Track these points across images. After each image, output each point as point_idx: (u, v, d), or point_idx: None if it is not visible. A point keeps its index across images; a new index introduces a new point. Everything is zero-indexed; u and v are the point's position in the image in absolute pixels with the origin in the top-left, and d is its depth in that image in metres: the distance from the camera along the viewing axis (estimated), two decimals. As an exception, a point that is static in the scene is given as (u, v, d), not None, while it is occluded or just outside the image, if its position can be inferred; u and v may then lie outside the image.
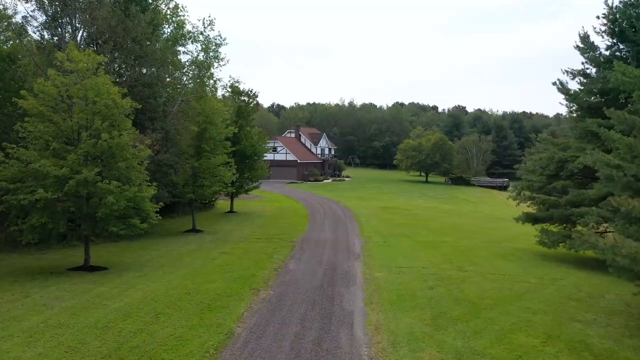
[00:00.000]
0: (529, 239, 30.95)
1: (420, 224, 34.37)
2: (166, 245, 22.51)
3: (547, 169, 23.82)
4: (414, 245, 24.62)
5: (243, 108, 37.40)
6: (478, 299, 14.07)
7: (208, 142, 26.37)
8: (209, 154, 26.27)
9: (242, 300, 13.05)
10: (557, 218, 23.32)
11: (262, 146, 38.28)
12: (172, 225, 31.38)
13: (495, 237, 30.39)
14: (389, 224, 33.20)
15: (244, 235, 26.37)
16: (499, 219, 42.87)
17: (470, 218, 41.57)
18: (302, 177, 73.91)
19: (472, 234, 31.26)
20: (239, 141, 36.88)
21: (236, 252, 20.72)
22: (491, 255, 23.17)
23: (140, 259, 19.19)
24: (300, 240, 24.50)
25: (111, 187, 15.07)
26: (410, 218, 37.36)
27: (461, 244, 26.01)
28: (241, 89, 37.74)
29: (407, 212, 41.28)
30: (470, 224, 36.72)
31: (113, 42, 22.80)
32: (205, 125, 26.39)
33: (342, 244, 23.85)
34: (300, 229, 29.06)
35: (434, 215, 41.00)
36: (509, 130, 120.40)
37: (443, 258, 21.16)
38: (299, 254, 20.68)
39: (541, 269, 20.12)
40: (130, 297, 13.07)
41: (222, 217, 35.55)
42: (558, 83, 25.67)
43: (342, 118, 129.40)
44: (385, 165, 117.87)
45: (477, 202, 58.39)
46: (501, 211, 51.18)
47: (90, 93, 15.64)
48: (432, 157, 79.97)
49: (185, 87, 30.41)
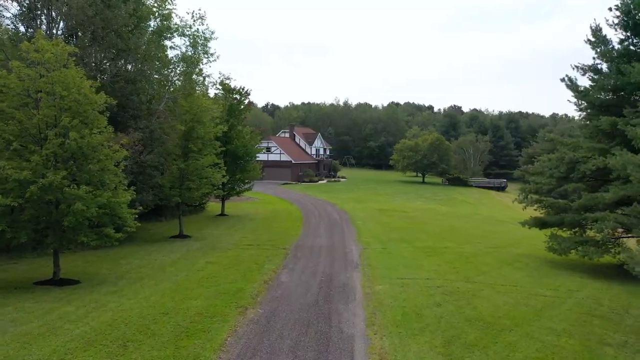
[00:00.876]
0: (533, 243, 29.58)
1: (419, 227, 32.87)
2: (149, 254, 20.83)
3: (557, 170, 22.36)
4: (415, 252, 23.09)
5: (234, 106, 35.74)
6: (493, 317, 12.54)
7: (195, 142, 24.69)
8: (197, 155, 24.60)
9: (226, 321, 11.43)
10: (568, 223, 21.87)
11: (254, 146, 36.63)
12: (159, 229, 29.68)
13: (498, 242, 28.95)
14: (387, 227, 31.67)
15: (234, 241, 24.73)
16: (500, 222, 41.50)
17: (470, 221, 40.13)
18: (296, 177, 72.28)
19: (474, 238, 29.80)
20: (230, 141, 35.23)
21: (224, 262, 19.08)
22: (497, 262, 21.69)
23: (119, 269, 17.51)
24: (293, 247, 22.91)
25: (80, 193, 13.41)
26: (408, 221, 35.86)
27: (464, 250, 24.54)
28: (232, 87, 36.06)
29: (405, 215, 39.79)
30: (471, 228, 35.26)
31: (91, 34, 21.08)
32: (193, 124, 24.72)
33: (339, 250, 22.28)
34: (294, 233, 27.46)
35: (432, 218, 39.53)
36: (506, 130, 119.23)
37: (448, 267, 19.65)
38: (292, 263, 19.08)
39: (553, 279, 18.66)
40: (98, 319, 11.42)
41: (212, 220, 33.88)
42: (567, 79, 24.21)
43: (337, 118, 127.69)
44: (380, 166, 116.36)
45: (476, 203, 57.02)
46: (501, 213, 49.84)
47: (58, 87, 13.96)
48: (429, 158, 78.53)
49: (172, 84, 28.75)
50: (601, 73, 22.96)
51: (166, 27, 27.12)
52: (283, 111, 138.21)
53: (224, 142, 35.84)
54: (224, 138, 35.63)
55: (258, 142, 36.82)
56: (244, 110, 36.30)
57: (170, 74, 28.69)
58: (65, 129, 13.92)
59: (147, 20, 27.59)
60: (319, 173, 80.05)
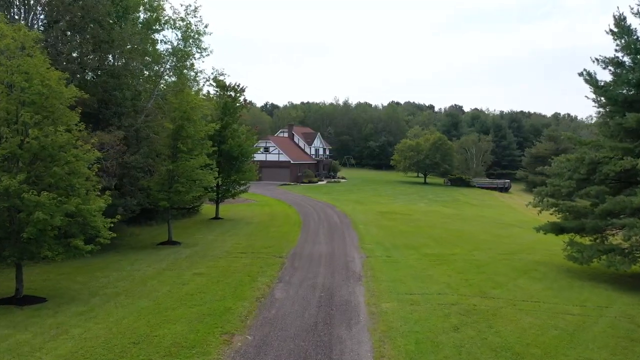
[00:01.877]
0: (546, 249, 27.79)
1: (424, 231, 31.08)
2: (132, 264, 19.01)
3: (577, 172, 20.54)
4: (422, 260, 21.30)
5: (229, 104, 33.93)
6: (521, 345, 10.73)
7: (185, 142, 22.87)
8: (186, 155, 22.77)
9: (207, 354, 9.62)
10: (589, 229, 20.07)
11: (250, 146, 34.82)
12: (148, 235, 27.89)
13: (509, 247, 27.16)
14: (390, 232, 29.87)
15: (227, 248, 22.93)
16: (507, 225, 39.71)
17: (476, 223, 38.34)
18: (295, 178, 70.47)
19: (483, 243, 28.03)
20: (224, 140, 33.45)
21: (213, 273, 17.26)
22: (512, 271, 19.90)
23: (94, 283, 15.68)
24: (291, 255, 21.11)
25: (42, 199, 11.58)
26: (412, 225, 34.07)
27: (474, 258, 22.76)
28: (227, 83, 34.24)
29: (408, 218, 38.00)
30: (478, 231, 33.48)
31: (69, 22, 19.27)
32: (182, 122, 22.90)
33: (340, 259, 20.47)
34: (291, 239, 25.66)
35: (437, 221, 37.74)
36: (508, 130, 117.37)
37: (459, 278, 17.85)
38: (288, 275, 17.28)
39: (577, 292, 16.86)
40: (56, 351, 9.61)
41: (205, 224, 32.07)
42: (585, 74, 22.35)
43: (337, 117, 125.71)
44: (381, 166, 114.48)
45: (480, 205, 55.23)
46: (507, 215, 48.06)
47: (18, 77, 12.15)
48: (431, 158, 76.69)
49: (162, 79, 26.93)
50: (624, 66, 21.15)
51: (155, 19, 25.28)
52: (282, 110, 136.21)
53: (218, 142, 34.08)
54: (218, 137, 33.86)
55: (254, 141, 35.02)
56: (239, 107, 34.49)
57: (160, 69, 26.87)
58: (26, 125, 12.10)
59: (135, 12, 25.80)
60: (319, 173, 78.26)
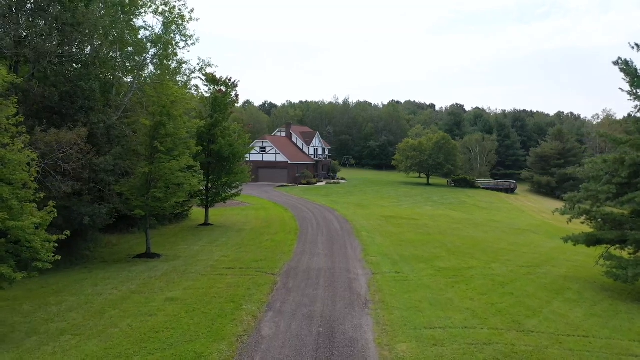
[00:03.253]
0: (568, 259, 24.93)
1: (434, 239, 28.20)
2: (96, 285, 16.11)
3: (618, 175, 17.67)
4: (437, 276, 18.42)
5: (220, 99, 31.03)
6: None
7: (163, 140, 19.97)
8: (165, 156, 19.88)
9: None
10: (634, 241, 17.21)
11: (242, 145, 31.91)
12: (126, 244, 24.98)
13: (529, 258, 24.32)
14: (397, 240, 26.99)
15: (212, 262, 20.04)
16: (521, 231, 36.85)
17: (489, 229, 35.49)
18: (293, 179, 67.57)
19: (500, 254, 25.16)
20: (214, 139, 30.56)
21: (190, 298, 14.38)
22: (542, 291, 17.06)
23: (40, 315, 12.77)
24: (284, 272, 18.22)
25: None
26: (420, 231, 31.18)
27: (494, 272, 19.91)
28: (218, 77, 31.32)
29: (415, 223, 35.10)
30: (492, 239, 30.61)
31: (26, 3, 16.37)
32: (160, 118, 20.01)
33: (342, 277, 17.58)
34: (286, 250, 22.78)
35: (447, 227, 34.86)
36: (512, 129, 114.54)
37: (484, 302, 14.99)
38: (280, 300, 14.40)
39: (627, 321, 13.99)
40: None
41: (192, 232, 29.16)
42: (621, 62, 19.55)
43: (337, 116, 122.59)
44: (381, 166, 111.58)
45: (489, 208, 52.33)
46: (518, 220, 45.19)
47: None
48: (434, 158, 73.74)
49: (141, 70, 24.05)
50: (668, 53, 18.33)
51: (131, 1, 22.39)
52: (280, 109, 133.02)
53: (207, 141, 31.21)
54: (207, 136, 31.00)
55: (247, 140, 32.11)
56: (230, 104, 31.59)
57: (141, 60, 23.97)
58: None
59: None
60: (318, 174, 75.38)
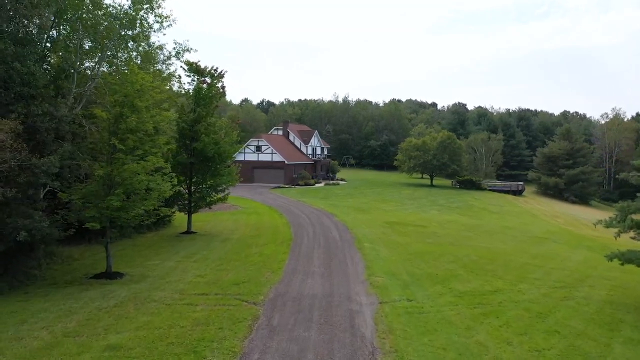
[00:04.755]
0: (603, 276, 21.37)
1: (446, 251, 24.67)
2: (24, 320, 12.54)
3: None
4: (459, 305, 14.89)
5: (204, 92, 27.47)
6: None
7: (124, 137, 16.39)
8: (125, 156, 16.29)
9: None
10: None
11: (230, 144, 28.32)
12: (89, 259, 21.38)
13: (561, 276, 20.86)
14: (405, 253, 23.45)
15: (184, 284, 16.49)
16: (540, 239, 33.33)
17: (505, 238, 31.96)
18: (290, 180, 63.97)
19: (525, 270, 21.69)
20: (197, 137, 27.01)
21: (138, 347, 10.79)
22: (594, 328, 13.60)
23: None
24: (270, 299, 14.67)
25: None
26: (429, 241, 27.63)
27: (526, 297, 16.42)
28: (202, 67, 27.73)
29: (422, 231, 31.55)
30: (511, 251, 27.08)
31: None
32: (121, 109, 16.44)
33: (341, 310, 13.99)
34: (275, 268, 19.23)
35: (458, 235, 31.32)
36: (517, 128, 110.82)
37: (528, 348, 11.48)
38: (259, 350, 10.81)
39: None
40: None
41: (171, 242, 25.58)
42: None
43: (336, 115, 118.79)
44: (382, 166, 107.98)
45: (499, 212, 48.78)
46: (533, 225, 41.64)
47: None
48: (438, 158, 70.17)
49: (105, 54, 20.47)
50: None
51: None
52: (278, 108, 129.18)
53: (190, 139, 27.67)
54: (190, 133, 27.45)
55: (235, 137, 28.52)
56: (216, 97, 28.02)
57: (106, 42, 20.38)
58: None
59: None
60: (316, 175, 71.78)
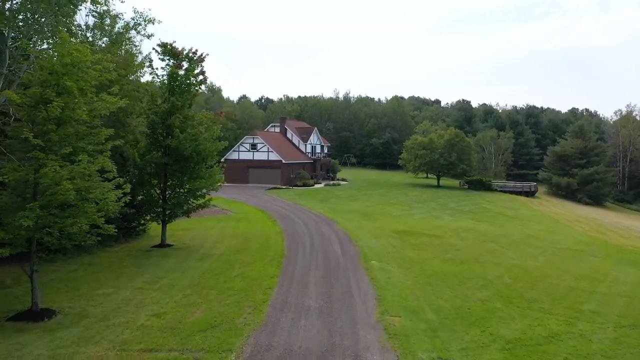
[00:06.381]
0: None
1: (473, 272, 20.18)
2: None
3: None
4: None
5: (180, 78, 22.93)
6: None
7: (45, 129, 11.87)
8: (43, 155, 11.76)
9: None
10: None
11: (212, 140, 23.74)
12: (22, 287, 16.72)
13: (623, 307, 16.48)
14: (423, 275, 18.97)
15: (129, 332, 11.97)
16: (575, 252, 28.66)
17: (534, 251, 27.36)
18: (287, 181, 59.46)
19: (575, 299, 17.29)
20: (171, 132, 22.48)
21: None
22: None
23: None
24: (246, 359, 10.18)
25: None
26: (449, 257, 23.09)
27: (596, 347, 11.97)
28: (180, 49, 23.15)
29: (439, 243, 26.98)
30: (549, 270, 22.56)
31: None
32: (43, 90, 11.91)
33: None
34: (259, 300, 14.74)
35: (479, 247, 26.76)
36: (525, 126, 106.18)
37: None
38: None
39: None
40: None
41: (138, 259, 21.04)
42: None
43: (337, 112, 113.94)
44: (385, 165, 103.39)
45: (517, 217, 44.15)
46: (560, 234, 36.92)
47: None
48: (446, 157, 65.54)
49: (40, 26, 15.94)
50: None
51: None
52: (277, 104, 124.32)
53: (163, 134, 23.16)
54: (162, 128, 22.93)
55: (218, 133, 23.94)
56: (194, 84, 23.47)
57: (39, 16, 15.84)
58: None
59: None
60: (315, 175, 67.24)
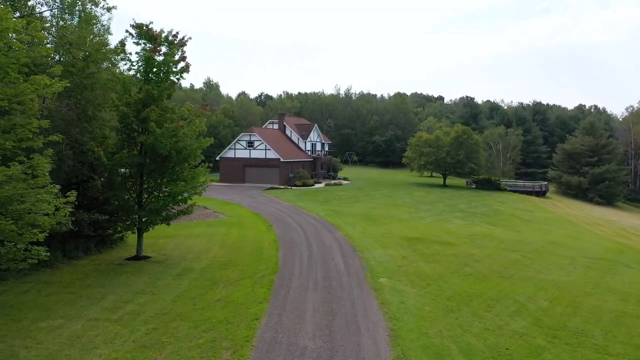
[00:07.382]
0: None
1: (501, 291, 17.02)
2: None
3: None
4: None
5: (157, 64, 19.75)
6: None
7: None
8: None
9: None
10: None
11: (194, 137, 20.56)
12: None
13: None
14: (442, 297, 15.80)
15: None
16: (608, 263, 25.36)
17: (563, 262, 24.14)
18: (286, 180, 56.31)
19: (632, 329, 14.11)
20: (146, 127, 19.30)
21: None
22: None
23: None
24: None
25: None
26: (469, 271, 19.91)
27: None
28: (157, 32, 19.96)
29: (454, 253, 23.77)
30: (588, 287, 19.42)
31: None
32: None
33: None
34: (241, 340, 11.61)
35: (501, 258, 23.55)
36: (532, 123, 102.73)
37: None
38: None
39: None
40: None
41: (105, 276, 17.88)
42: None
43: (338, 109, 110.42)
44: (388, 164, 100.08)
45: (533, 220, 40.89)
46: (583, 240, 33.71)
47: None
48: (453, 155, 62.27)
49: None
50: None
51: None
52: (276, 101, 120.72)
53: (137, 130, 19.98)
54: (136, 122, 19.75)
55: (202, 128, 20.76)
56: (174, 72, 20.28)
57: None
58: None
59: None
60: (315, 174, 64.02)
